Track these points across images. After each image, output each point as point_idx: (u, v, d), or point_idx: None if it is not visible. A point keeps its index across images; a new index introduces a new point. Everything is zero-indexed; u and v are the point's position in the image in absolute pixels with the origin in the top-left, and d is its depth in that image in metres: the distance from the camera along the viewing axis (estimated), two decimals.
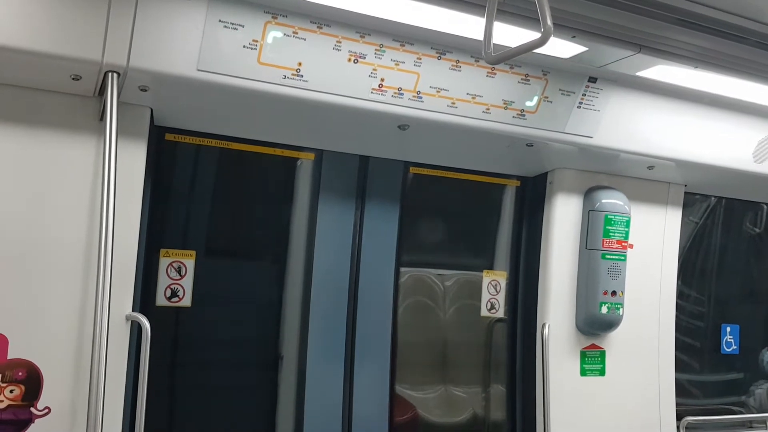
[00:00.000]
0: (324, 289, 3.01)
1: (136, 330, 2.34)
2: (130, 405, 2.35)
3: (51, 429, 2.17)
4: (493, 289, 3.38)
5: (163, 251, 2.72)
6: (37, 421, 2.17)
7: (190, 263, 2.75)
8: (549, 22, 1.66)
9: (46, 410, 2.18)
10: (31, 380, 2.16)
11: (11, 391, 2.15)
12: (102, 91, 2.20)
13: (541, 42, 1.69)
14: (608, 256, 3.15)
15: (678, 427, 3.49)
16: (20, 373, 2.15)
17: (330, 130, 2.77)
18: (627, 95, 2.83)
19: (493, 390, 3.41)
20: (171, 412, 2.86)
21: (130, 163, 2.31)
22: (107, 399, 2.09)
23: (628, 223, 3.20)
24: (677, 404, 3.45)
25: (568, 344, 3.18)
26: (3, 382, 2.14)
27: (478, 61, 2.52)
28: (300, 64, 2.30)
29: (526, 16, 2.16)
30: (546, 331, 3.11)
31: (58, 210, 2.22)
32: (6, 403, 2.14)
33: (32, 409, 2.16)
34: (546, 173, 3.26)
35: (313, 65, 2.32)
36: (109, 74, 2.12)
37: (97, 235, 2.16)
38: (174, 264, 2.73)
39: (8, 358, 2.14)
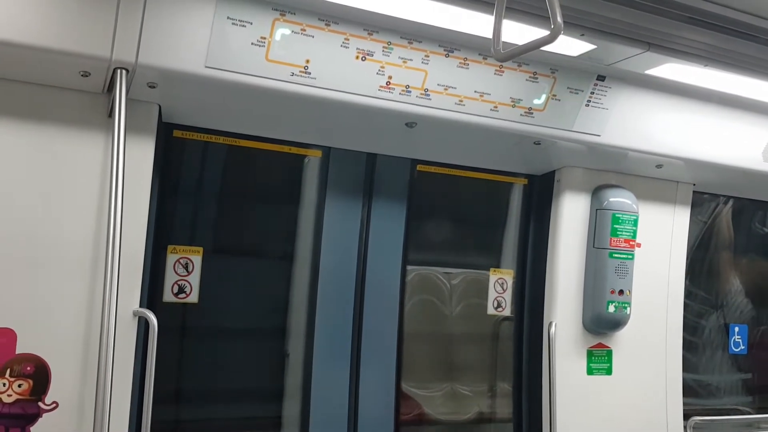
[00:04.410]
0: (330, 287, 3.01)
1: (143, 326, 2.35)
2: (137, 400, 2.36)
3: (59, 423, 2.18)
4: (500, 288, 3.38)
5: (170, 247, 2.73)
6: (44, 415, 2.18)
7: (197, 260, 2.76)
8: (559, 18, 1.66)
9: (54, 405, 2.19)
10: (39, 375, 2.17)
11: (19, 386, 2.16)
12: (111, 87, 2.21)
13: (551, 38, 1.69)
14: (616, 255, 3.14)
15: (685, 428, 3.48)
16: (28, 368, 2.17)
17: (337, 128, 2.77)
18: (636, 93, 2.82)
19: (499, 388, 3.41)
20: (177, 408, 2.87)
21: (139, 160, 2.32)
22: (114, 394, 2.09)
23: (635, 222, 3.19)
24: (684, 404, 3.44)
25: (574, 343, 3.17)
26: (11, 376, 2.15)
27: (486, 59, 2.51)
28: (308, 61, 2.30)
29: (535, 14, 2.16)
30: (553, 329, 3.10)
31: (66, 206, 2.23)
32: (14, 397, 2.15)
33: (40, 403, 2.18)
34: (553, 171, 3.25)
35: (320, 62, 2.32)
36: (118, 71, 2.13)
37: (105, 231, 2.16)
38: (181, 260, 2.74)
39: (17, 352, 2.15)
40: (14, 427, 2.15)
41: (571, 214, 3.18)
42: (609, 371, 3.24)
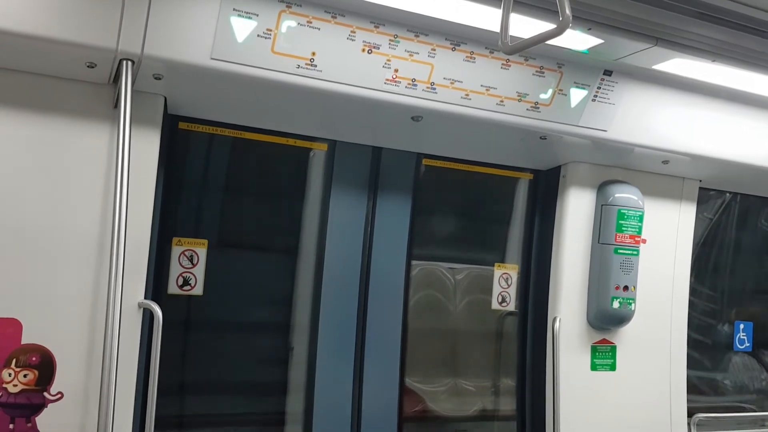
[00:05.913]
0: (335, 281, 3.01)
1: (148, 317, 2.35)
2: (141, 391, 2.36)
3: (64, 413, 2.19)
4: (504, 282, 3.37)
5: (175, 240, 2.73)
6: (50, 405, 2.19)
7: (202, 252, 2.76)
8: (567, 11, 1.65)
9: (59, 395, 2.20)
10: (45, 365, 2.18)
11: (25, 376, 2.17)
12: (116, 78, 2.21)
13: (559, 31, 1.68)
14: (621, 251, 3.13)
15: (689, 424, 3.47)
16: (34, 358, 2.17)
17: (343, 121, 2.76)
18: (642, 89, 2.81)
19: (503, 383, 3.41)
20: (181, 399, 2.88)
21: (144, 151, 2.32)
22: (119, 385, 2.10)
23: (641, 218, 3.18)
24: (688, 401, 3.43)
25: (578, 338, 3.17)
26: (17, 366, 2.16)
27: (493, 53, 2.51)
28: (314, 53, 2.30)
29: (543, 8, 2.15)
30: (557, 325, 3.10)
31: (71, 197, 2.24)
32: (20, 387, 2.16)
33: (45, 393, 2.19)
34: (559, 167, 3.24)
35: (326, 55, 2.31)
36: (124, 62, 2.13)
37: (110, 222, 2.17)
38: (186, 252, 2.74)
39: (22, 343, 2.16)
40: (19, 417, 2.16)
41: (576, 210, 3.17)
42: (613, 367, 3.24)
